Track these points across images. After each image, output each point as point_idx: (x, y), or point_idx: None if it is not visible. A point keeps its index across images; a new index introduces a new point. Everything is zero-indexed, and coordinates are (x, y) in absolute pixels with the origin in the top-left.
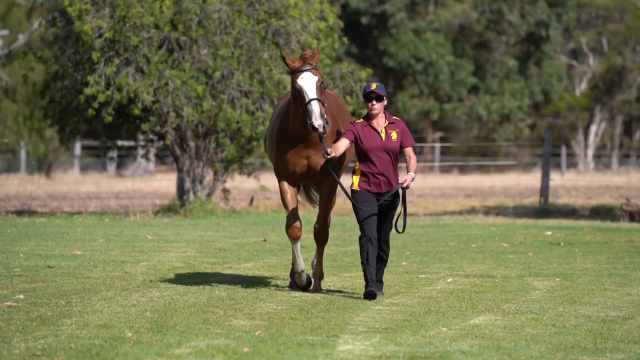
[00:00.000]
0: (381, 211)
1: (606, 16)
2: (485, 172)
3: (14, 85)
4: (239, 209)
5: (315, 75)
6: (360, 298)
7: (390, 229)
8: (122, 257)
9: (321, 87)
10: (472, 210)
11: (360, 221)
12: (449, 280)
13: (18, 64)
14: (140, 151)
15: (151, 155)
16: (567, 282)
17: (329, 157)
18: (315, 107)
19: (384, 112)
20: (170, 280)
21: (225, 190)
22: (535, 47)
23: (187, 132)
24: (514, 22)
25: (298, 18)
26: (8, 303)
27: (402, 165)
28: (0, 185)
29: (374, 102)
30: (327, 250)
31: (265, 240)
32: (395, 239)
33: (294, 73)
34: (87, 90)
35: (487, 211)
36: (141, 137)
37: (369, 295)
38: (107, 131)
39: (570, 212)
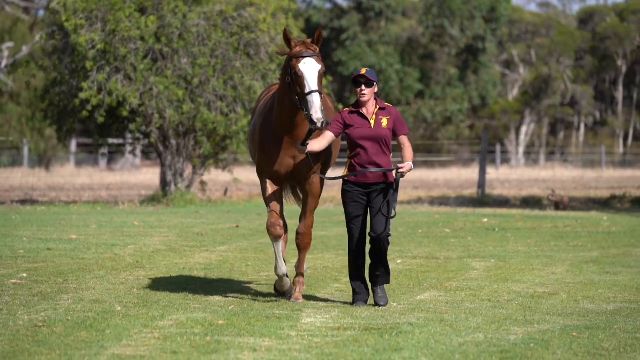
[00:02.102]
0: (375, 200)
1: (534, 31)
2: (430, 167)
3: (18, 91)
4: (214, 199)
5: (318, 63)
6: (321, 277)
7: (390, 221)
8: (112, 241)
9: (322, 77)
10: (419, 200)
11: (348, 228)
12: (399, 261)
13: (22, 72)
14: (128, 148)
15: (138, 152)
16: (501, 263)
17: (305, 152)
18: (316, 99)
19: (374, 99)
20: (155, 261)
21: (203, 183)
22: (473, 57)
23: (169, 132)
24: (455, 36)
25: (267, 32)
26: (13, 280)
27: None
28: (6, 178)
29: (364, 87)
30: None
31: (237, 226)
32: None
33: (295, 57)
34: (82, 95)
35: (432, 201)
36: (129, 135)
37: (358, 305)
38: (99, 130)
39: (503, 202)
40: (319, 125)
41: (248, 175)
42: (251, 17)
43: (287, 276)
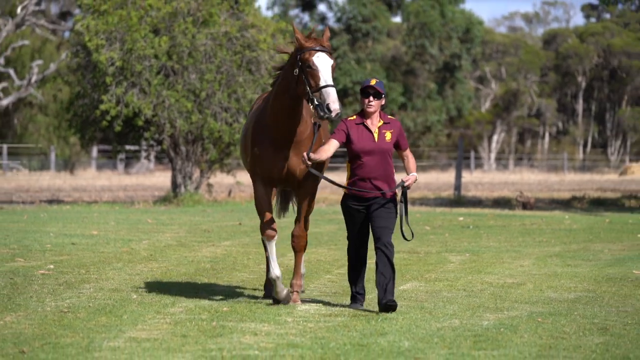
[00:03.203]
0: (375, 213)
1: (504, 51)
2: None
3: (46, 103)
4: (219, 200)
5: (330, 58)
6: (314, 269)
7: (392, 232)
8: (129, 236)
9: (334, 72)
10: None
11: (349, 237)
12: None
13: (49, 86)
14: (143, 154)
15: (151, 157)
16: (475, 257)
17: (309, 162)
18: (332, 91)
19: (379, 112)
20: (166, 255)
21: (209, 185)
22: (450, 74)
23: (179, 139)
24: (434, 55)
25: (266, 50)
26: (41, 271)
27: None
28: (35, 180)
29: (372, 98)
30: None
31: (240, 223)
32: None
33: (307, 50)
34: (102, 107)
35: (413, 201)
36: (144, 143)
37: (354, 307)
38: (117, 138)
39: (477, 203)
40: (333, 115)
41: (249, 178)
42: (252, 38)
43: (280, 280)
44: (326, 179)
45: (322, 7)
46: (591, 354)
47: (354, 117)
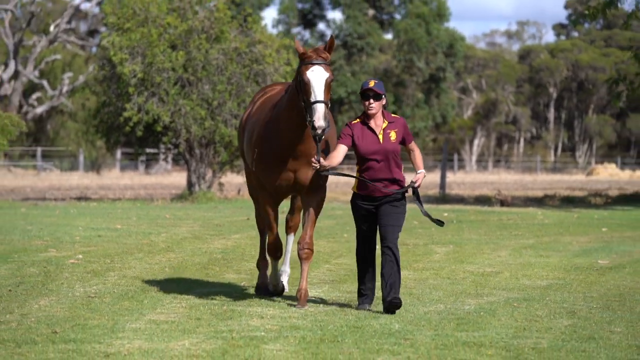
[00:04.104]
0: (383, 211)
1: (484, 64)
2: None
3: (75, 111)
4: (230, 197)
5: (327, 71)
6: (314, 259)
7: (398, 233)
8: (149, 229)
9: (329, 86)
10: None
11: (357, 236)
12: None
13: (78, 96)
14: (161, 156)
15: (169, 159)
16: (458, 248)
17: (319, 169)
18: (320, 107)
19: (382, 112)
20: (182, 246)
21: (220, 184)
22: (436, 85)
23: (194, 143)
24: (421, 68)
25: (272, 64)
26: (71, 260)
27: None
28: (66, 179)
29: (372, 100)
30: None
31: (248, 219)
32: (336, 218)
33: (304, 63)
34: (125, 114)
35: None
36: (162, 146)
37: (362, 307)
38: (139, 142)
39: (460, 200)
40: (319, 132)
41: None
42: (259, 53)
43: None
44: (340, 174)
45: (321, 26)
46: (560, 335)
47: (358, 120)
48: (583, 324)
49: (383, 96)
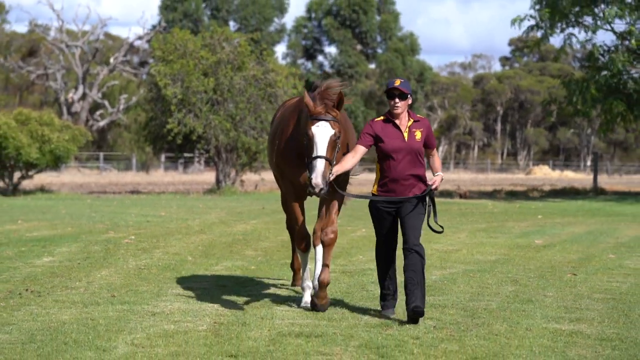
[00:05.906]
0: (405, 213)
1: (447, 88)
2: None
3: (129, 124)
4: (249, 191)
5: (333, 128)
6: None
7: (420, 233)
8: (186, 216)
9: (334, 142)
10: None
11: (377, 237)
12: (363, 230)
13: (132, 113)
14: (196, 159)
15: (202, 161)
16: (426, 231)
17: (319, 191)
18: (319, 164)
19: (407, 111)
20: (212, 229)
21: (242, 181)
22: (409, 105)
23: (221, 149)
24: None
25: (281, 87)
26: (126, 240)
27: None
28: (122, 177)
29: (397, 99)
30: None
31: (263, 208)
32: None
33: (311, 118)
34: (168, 126)
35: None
36: (196, 151)
37: (386, 315)
38: (178, 148)
39: None
40: (316, 190)
41: (270, 176)
42: (272, 79)
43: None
44: (350, 195)
45: (320, 58)
46: (506, 298)
47: (382, 117)
48: (523, 290)
49: (409, 95)
